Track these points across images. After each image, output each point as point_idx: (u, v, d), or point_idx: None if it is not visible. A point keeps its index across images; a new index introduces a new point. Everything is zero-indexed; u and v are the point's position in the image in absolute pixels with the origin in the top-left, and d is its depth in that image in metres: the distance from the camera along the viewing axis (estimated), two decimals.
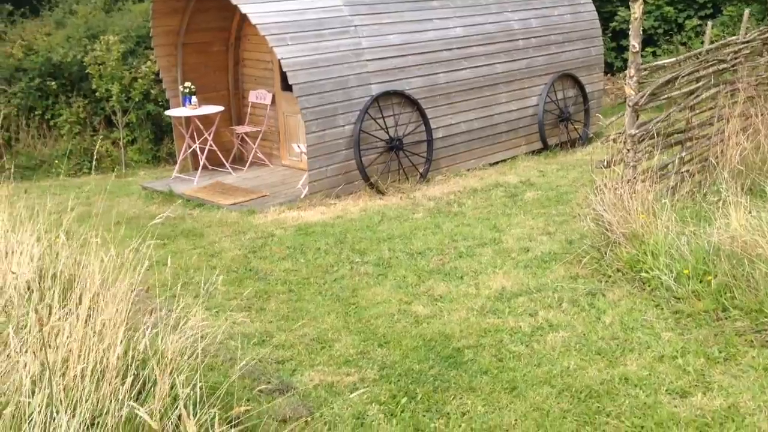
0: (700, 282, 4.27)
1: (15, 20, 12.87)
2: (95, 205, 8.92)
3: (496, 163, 9.52)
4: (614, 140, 5.38)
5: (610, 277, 4.81)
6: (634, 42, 5.14)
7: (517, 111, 9.70)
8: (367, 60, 8.15)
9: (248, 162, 9.30)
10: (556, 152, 9.95)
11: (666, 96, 5.63)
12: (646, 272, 4.58)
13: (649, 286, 4.54)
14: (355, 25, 8.10)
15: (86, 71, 10.67)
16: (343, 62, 7.96)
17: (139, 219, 7.81)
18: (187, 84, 8.74)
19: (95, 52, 10.55)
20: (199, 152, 8.93)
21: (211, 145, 8.88)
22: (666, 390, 3.43)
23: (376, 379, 3.71)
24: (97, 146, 11.13)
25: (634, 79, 5.25)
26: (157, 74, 9.52)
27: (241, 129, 9.29)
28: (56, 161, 10.91)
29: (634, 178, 5.29)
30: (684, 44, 13.38)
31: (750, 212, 4.41)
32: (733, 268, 4.07)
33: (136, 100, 10.91)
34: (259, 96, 9.30)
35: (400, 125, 8.38)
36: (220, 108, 8.94)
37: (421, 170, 8.62)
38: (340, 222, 7.10)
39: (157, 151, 11.55)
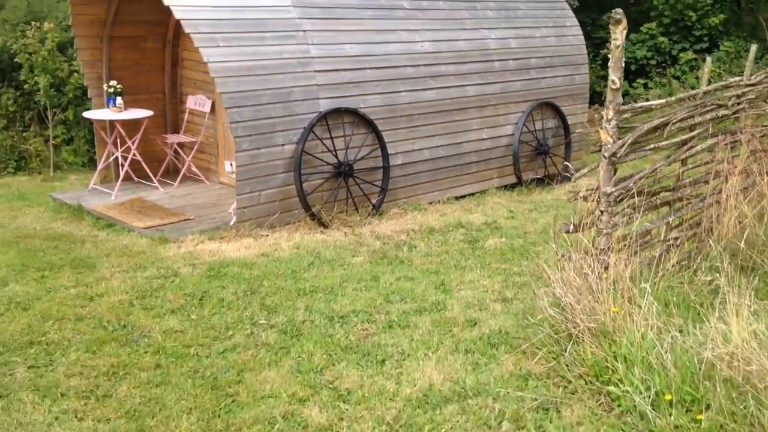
0: (687, 412, 3.08)
1: None
2: None
3: (464, 196, 8.34)
4: (585, 198, 4.19)
5: (569, 383, 3.61)
6: (614, 76, 3.94)
7: (489, 140, 8.52)
8: (316, 71, 6.93)
9: (180, 176, 8.05)
10: (531, 189, 8.79)
11: (652, 146, 4.46)
12: (616, 385, 3.39)
13: (618, 406, 3.34)
14: (305, 30, 6.89)
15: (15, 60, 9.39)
16: (287, 71, 6.73)
17: (34, 238, 6.55)
18: (113, 83, 7.49)
19: (26, 39, 9.25)
20: (121, 160, 7.67)
21: (134, 155, 7.63)
22: None
23: None
24: (30, 144, 9.89)
25: (613, 122, 4.06)
26: None
27: (173, 138, 8.04)
28: None
29: (608, 248, 4.10)
30: (678, 78, 12.32)
31: (755, 317, 3.23)
32: (732, 403, 2.90)
33: (70, 96, 9.62)
34: (197, 102, 8.07)
35: (351, 148, 7.18)
36: (148, 112, 7.68)
37: (374, 201, 7.42)
38: (262, 262, 5.86)
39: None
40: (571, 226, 4.23)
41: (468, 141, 8.31)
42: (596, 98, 11.88)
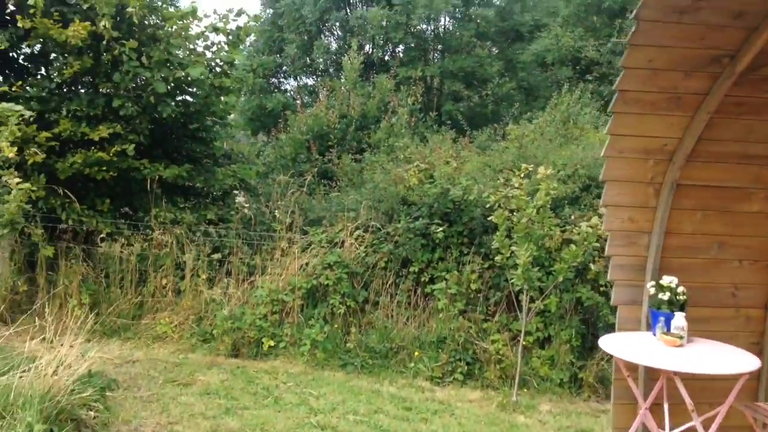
0: None
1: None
2: None
3: None
4: None
5: None
6: None
7: None
8: None
9: None
10: None
11: None
12: None
13: None
14: None
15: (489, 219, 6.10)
16: None
17: None
18: (668, 281, 3.20)
19: (510, 189, 5.91)
20: None
21: None
22: None
23: None
24: (490, 342, 6.38)
25: None
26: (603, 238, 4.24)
27: None
28: (417, 352, 6.47)
29: None
30: None
31: None
32: None
33: (560, 277, 5.82)
34: None
35: None
36: (748, 361, 3.06)
37: None
38: None
39: (581, 368, 6.17)
40: None
41: None
42: None
